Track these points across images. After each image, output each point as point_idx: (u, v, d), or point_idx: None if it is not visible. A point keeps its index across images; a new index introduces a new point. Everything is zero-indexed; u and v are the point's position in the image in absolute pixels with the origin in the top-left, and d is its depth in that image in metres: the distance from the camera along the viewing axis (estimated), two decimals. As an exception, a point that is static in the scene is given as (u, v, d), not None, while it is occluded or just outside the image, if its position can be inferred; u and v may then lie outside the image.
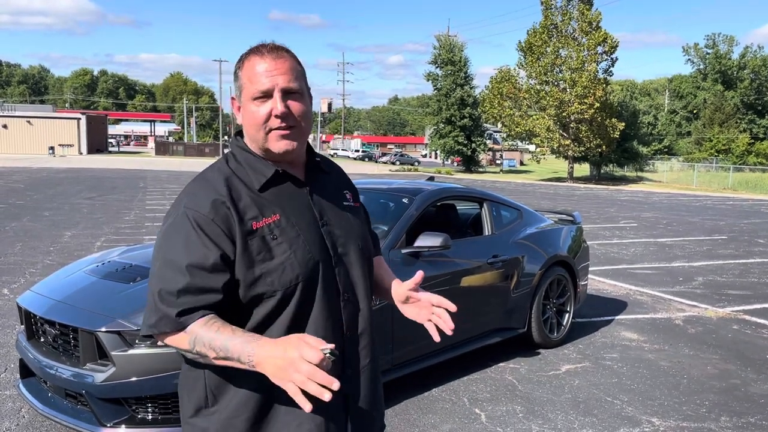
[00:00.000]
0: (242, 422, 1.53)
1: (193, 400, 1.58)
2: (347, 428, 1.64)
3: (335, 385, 1.27)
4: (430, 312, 1.72)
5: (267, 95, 1.53)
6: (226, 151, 1.53)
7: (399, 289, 1.79)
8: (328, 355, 1.28)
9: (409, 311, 1.78)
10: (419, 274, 1.74)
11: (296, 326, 1.53)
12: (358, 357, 1.66)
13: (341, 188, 1.76)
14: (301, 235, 1.56)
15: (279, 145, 1.56)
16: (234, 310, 1.51)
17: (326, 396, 1.26)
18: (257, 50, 1.57)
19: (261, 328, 1.51)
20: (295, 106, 1.55)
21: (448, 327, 1.67)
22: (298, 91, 1.57)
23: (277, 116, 1.53)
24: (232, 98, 1.64)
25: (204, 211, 1.48)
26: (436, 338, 1.74)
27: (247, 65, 1.56)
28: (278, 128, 1.54)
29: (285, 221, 1.55)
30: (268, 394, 1.52)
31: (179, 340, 1.47)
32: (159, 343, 3.33)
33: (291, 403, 1.47)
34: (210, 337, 1.42)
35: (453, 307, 1.69)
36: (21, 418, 3.92)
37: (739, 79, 69.81)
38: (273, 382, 1.36)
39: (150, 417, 3.37)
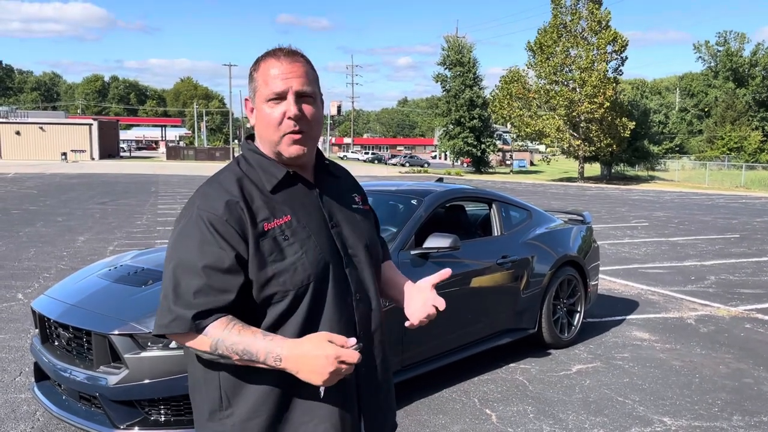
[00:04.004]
0: (258, 424, 1.53)
1: (207, 403, 1.58)
2: (361, 426, 1.65)
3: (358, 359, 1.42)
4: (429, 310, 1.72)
5: (281, 97, 1.56)
6: (236, 154, 1.58)
7: (421, 283, 1.77)
8: (357, 350, 1.43)
9: (414, 308, 1.75)
10: (447, 272, 1.77)
11: (310, 325, 1.54)
12: (372, 355, 1.69)
13: (350, 191, 1.79)
14: (312, 236, 1.58)
15: (291, 149, 1.58)
16: (247, 310, 1.52)
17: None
18: (273, 53, 1.59)
19: (275, 328, 1.53)
20: (307, 109, 1.58)
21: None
22: (312, 95, 1.59)
23: (290, 118, 1.55)
24: (246, 99, 1.66)
25: (218, 212, 1.50)
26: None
27: (262, 67, 1.59)
28: (291, 132, 1.56)
29: (296, 222, 1.57)
30: (284, 395, 1.53)
31: (198, 343, 1.48)
32: (172, 344, 3.35)
33: (307, 403, 1.53)
34: (232, 341, 1.45)
35: (441, 306, 1.71)
36: (36, 420, 3.96)
37: (751, 77, 69.20)
38: (299, 377, 1.43)
39: (163, 419, 3.40)
